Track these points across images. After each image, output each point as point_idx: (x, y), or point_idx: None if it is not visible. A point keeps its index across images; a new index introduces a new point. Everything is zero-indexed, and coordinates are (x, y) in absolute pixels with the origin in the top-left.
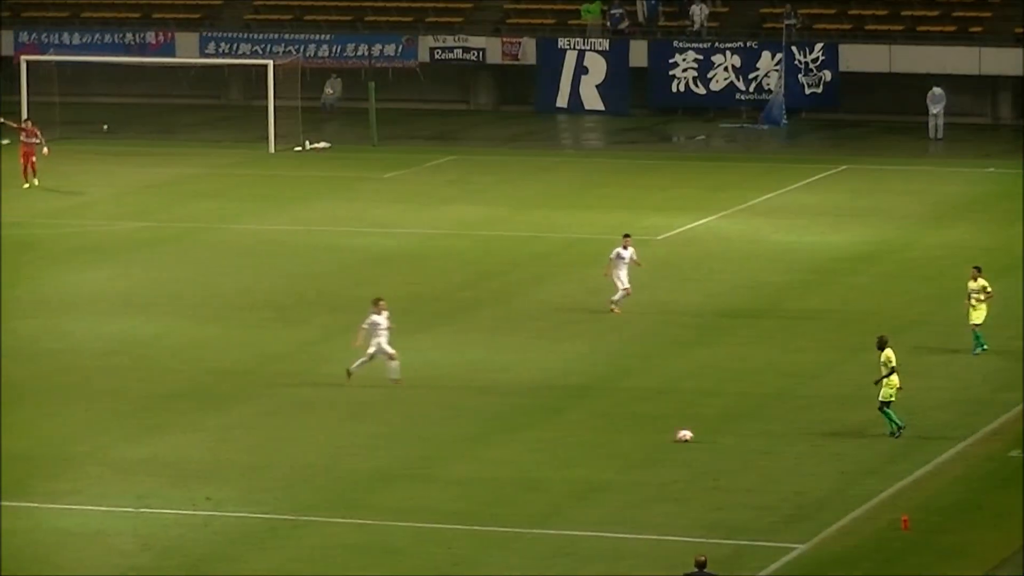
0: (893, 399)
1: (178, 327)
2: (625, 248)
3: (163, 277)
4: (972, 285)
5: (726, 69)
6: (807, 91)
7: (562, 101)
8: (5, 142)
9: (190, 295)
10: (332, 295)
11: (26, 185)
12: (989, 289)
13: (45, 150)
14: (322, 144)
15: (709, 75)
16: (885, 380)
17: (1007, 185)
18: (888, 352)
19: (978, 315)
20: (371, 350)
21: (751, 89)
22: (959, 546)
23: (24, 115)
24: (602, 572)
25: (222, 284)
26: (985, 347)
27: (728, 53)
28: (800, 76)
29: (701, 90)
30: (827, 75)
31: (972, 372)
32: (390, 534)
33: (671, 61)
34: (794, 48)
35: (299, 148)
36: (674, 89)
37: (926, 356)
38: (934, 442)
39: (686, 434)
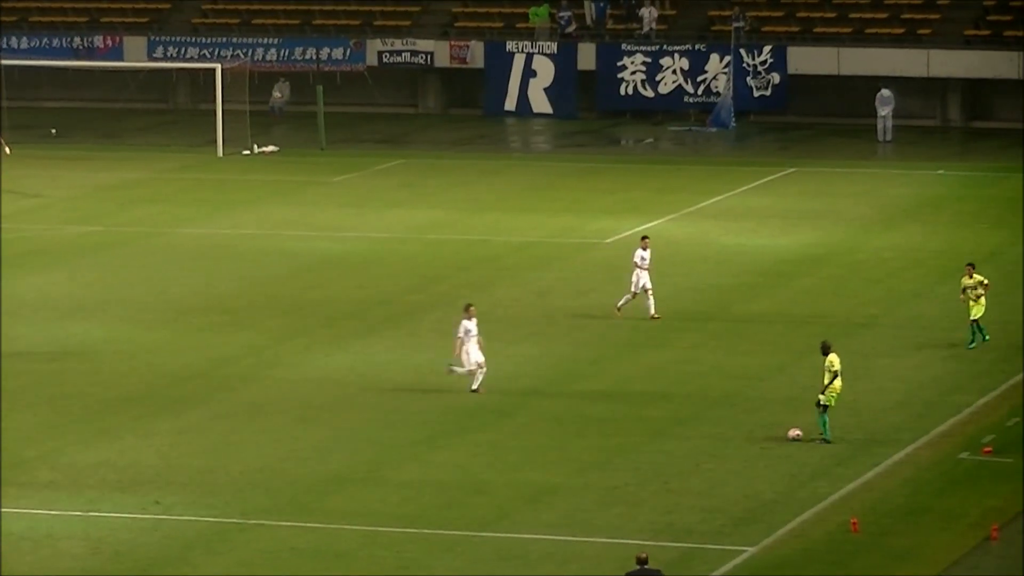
0: (832, 404)
1: (128, 331)
2: (644, 249)
3: (112, 281)
4: (967, 282)
5: (674, 72)
6: (755, 94)
7: (510, 104)
8: None
9: (140, 299)
10: (281, 299)
11: None
12: (987, 282)
13: (7, 150)
14: (270, 148)
15: (657, 78)
16: (828, 386)
17: (956, 187)
18: (832, 357)
19: (978, 309)
20: (470, 367)
21: (699, 92)
22: (909, 548)
23: None
24: (550, 574)
25: (171, 288)
26: (987, 338)
27: (676, 56)
28: (748, 79)
29: (649, 93)
30: (775, 78)
31: (921, 374)
32: (338, 538)
33: (619, 64)
34: (742, 51)
35: (247, 152)
36: (622, 92)
37: (874, 359)
38: (883, 445)
39: (797, 432)
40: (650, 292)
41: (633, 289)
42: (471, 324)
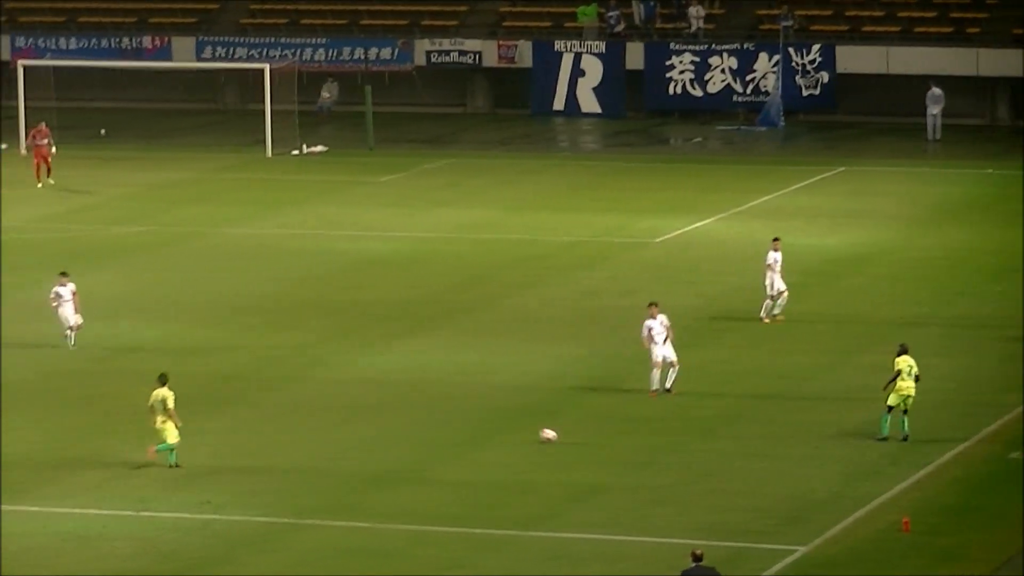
0: (894, 405)
1: (175, 331)
2: (775, 251)
3: (160, 281)
4: None
5: (723, 71)
6: (804, 93)
7: (559, 104)
8: (2, 147)
9: (187, 299)
10: (328, 299)
11: (39, 184)
12: None
13: (53, 149)
14: (318, 148)
15: (706, 77)
16: (895, 384)
17: (1004, 187)
18: (899, 359)
19: None
20: (657, 360)
21: (748, 91)
22: (958, 548)
23: (22, 119)
24: (599, 574)
25: (218, 288)
26: None
27: (725, 55)
28: (797, 78)
29: (698, 92)
30: (824, 76)
31: (970, 374)
32: (386, 537)
33: (668, 63)
34: (791, 50)
35: (296, 152)
36: (671, 91)
37: (923, 358)
38: (933, 444)
39: (550, 434)
40: (784, 294)
41: (770, 292)
42: (654, 323)
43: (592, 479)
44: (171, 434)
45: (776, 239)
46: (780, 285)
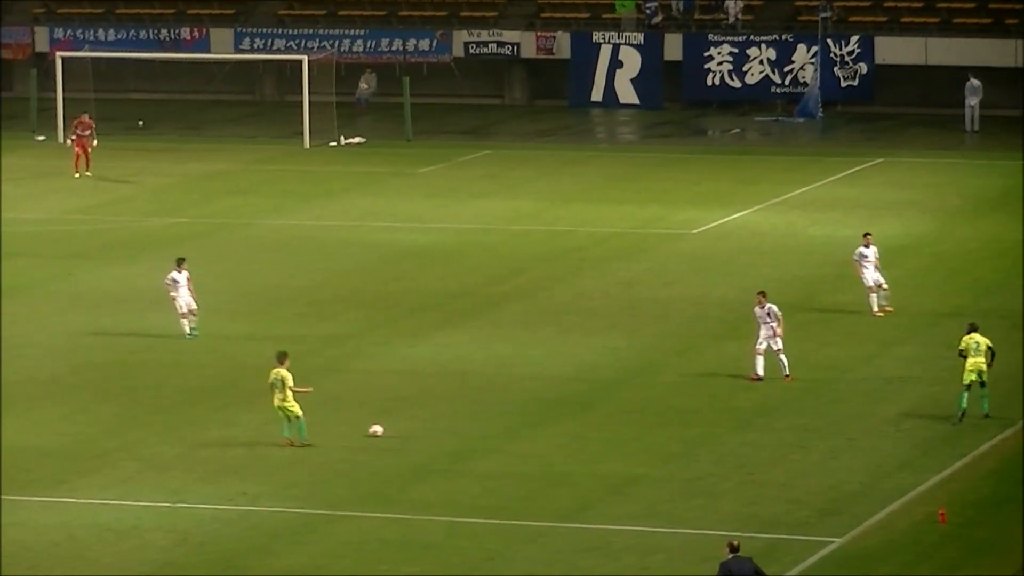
0: (969, 383)
1: (211, 323)
2: (867, 247)
3: (196, 272)
4: None
5: (761, 62)
6: (842, 84)
7: (597, 95)
8: (40, 138)
9: (223, 291)
10: (364, 290)
11: (76, 175)
12: None
13: (95, 142)
14: (356, 139)
15: (744, 68)
16: (968, 362)
17: None
18: (966, 337)
19: None
20: (761, 347)
21: (786, 82)
22: (993, 540)
23: (60, 111)
24: (634, 566)
25: (255, 280)
26: None
27: (763, 46)
28: (835, 69)
29: (736, 83)
30: (862, 68)
31: (1005, 365)
32: (422, 528)
33: (706, 54)
34: (829, 41)
35: (334, 143)
36: (709, 82)
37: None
38: (968, 435)
39: (377, 429)
40: (884, 286)
41: (868, 286)
42: (761, 312)
43: (626, 471)
44: (295, 408)
45: (867, 234)
46: (878, 278)
